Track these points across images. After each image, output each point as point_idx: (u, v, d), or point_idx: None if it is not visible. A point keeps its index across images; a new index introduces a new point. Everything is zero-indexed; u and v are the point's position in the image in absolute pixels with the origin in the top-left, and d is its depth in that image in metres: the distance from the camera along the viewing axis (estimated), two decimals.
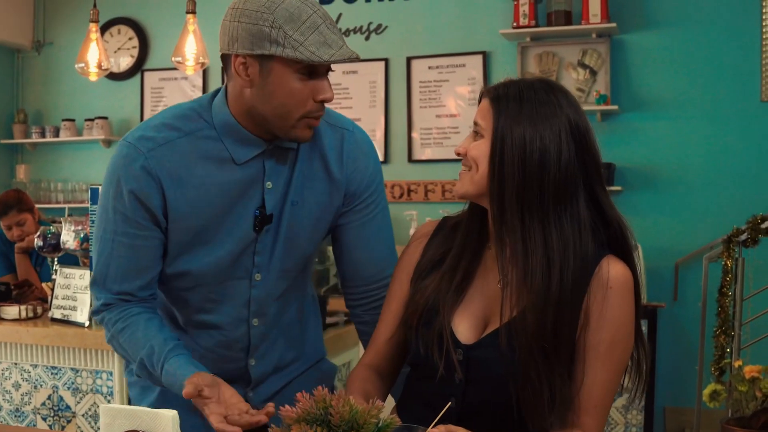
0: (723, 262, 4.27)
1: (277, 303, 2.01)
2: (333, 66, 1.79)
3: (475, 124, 1.70)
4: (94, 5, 4.95)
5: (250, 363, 2.02)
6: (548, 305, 1.60)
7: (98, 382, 3.65)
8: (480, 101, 1.72)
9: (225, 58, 1.82)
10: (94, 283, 1.96)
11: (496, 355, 1.64)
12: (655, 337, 4.99)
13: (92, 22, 4.89)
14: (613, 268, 1.65)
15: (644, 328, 4.97)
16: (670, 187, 5.49)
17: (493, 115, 1.65)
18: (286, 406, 1.25)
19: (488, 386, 1.65)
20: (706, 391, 4.04)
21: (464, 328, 1.70)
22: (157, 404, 2.06)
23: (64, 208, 6.54)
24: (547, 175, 1.61)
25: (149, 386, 2.08)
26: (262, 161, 1.89)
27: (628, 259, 1.70)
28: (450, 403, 1.55)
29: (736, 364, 3.92)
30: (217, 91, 1.91)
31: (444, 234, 1.82)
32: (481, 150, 1.67)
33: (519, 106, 1.64)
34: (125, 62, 6.79)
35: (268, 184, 1.90)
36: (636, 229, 5.30)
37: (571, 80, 5.65)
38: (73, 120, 6.80)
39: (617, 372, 1.65)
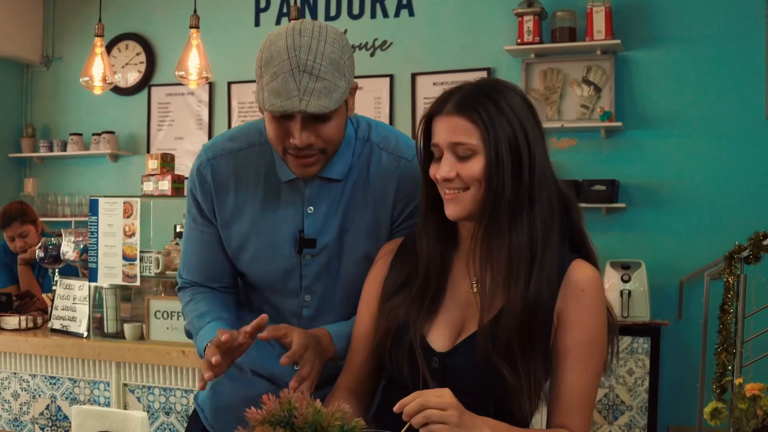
0: (725, 279, 4.25)
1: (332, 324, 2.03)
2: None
3: (457, 145, 1.66)
4: (99, 20, 4.99)
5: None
6: (525, 305, 1.62)
7: (96, 392, 3.66)
8: (430, 120, 1.71)
9: None
10: (178, 271, 2.16)
11: (472, 360, 1.64)
12: (658, 355, 4.97)
13: (97, 36, 4.94)
14: (582, 271, 1.68)
15: (647, 346, 4.97)
16: (675, 204, 5.47)
17: (480, 129, 1.65)
18: (252, 408, 1.26)
19: (465, 393, 1.63)
20: (707, 409, 4.02)
21: (438, 336, 1.70)
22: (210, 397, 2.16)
23: (70, 222, 6.60)
24: (532, 175, 1.65)
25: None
26: (303, 185, 1.94)
27: (592, 260, 1.74)
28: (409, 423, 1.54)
29: (737, 381, 3.92)
30: None
31: (406, 251, 1.82)
32: (477, 169, 1.65)
33: (498, 111, 1.65)
34: (133, 77, 6.83)
35: (310, 209, 1.95)
36: (640, 246, 5.29)
37: (576, 97, 5.65)
38: (80, 134, 6.84)
39: (596, 372, 1.67)
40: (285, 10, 6.40)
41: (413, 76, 6.09)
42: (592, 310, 1.66)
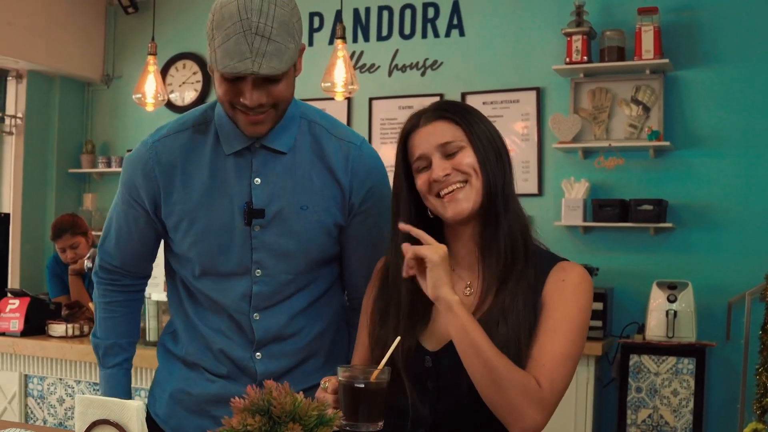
0: (766, 299, 4.20)
1: (284, 304, 2.08)
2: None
3: (445, 144, 1.75)
4: (152, 39, 5.14)
5: (255, 356, 2.10)
6: (512, 303, 1.70)
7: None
8: (407, 135, 1.81)
9: None
10: (99, 246, 2.26)
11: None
12: (703, 377, 4.91)
13: (150, 54, 5.09)
14: (566, 267, 1.76)
15: (692, 367, 4.92)
16: (724, 225, 5.40)
17: (462, 127, 1.75)
18: (236, 398, 1.31)
19: (460, 390, 1.68)
20: (747, 430, 3.98)
21: (430, 337, 1.76)
22: (168, 407, 2.21)
23: None
24: (511, 175, 1.79)
25: (158, 394, 2.26)
26: (250, 157, 2.01)
27: None
28: (399, 337, 1.60)
29: None
30: None
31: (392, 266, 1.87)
32: (471, 159, 1.75)
33: (471, 114, 1.77)
34: (189, 96, 6.97)
35: (257, 180, 2.01)
36: (688, 267, 5.23)
37: (624, 116, 5.64)
38: None
39: (565, 342, 1.69)
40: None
41: (463, 95, 6.13)
42: (568, 292, 1.72)
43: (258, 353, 2.09)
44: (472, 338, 1.60)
